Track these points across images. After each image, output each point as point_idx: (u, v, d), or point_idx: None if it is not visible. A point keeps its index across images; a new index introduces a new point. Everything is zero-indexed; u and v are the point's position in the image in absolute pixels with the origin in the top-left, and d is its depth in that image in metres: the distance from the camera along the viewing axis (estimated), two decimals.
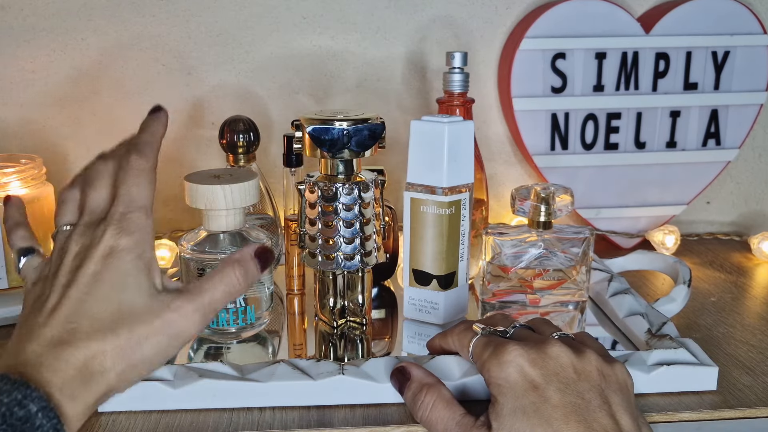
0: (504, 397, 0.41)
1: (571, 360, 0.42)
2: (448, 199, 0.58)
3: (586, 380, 0.41)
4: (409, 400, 0.46)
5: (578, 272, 0.59)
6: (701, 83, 0.81)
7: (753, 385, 0.51)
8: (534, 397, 0.40)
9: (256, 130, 0.69)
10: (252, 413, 0.47)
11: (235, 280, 0.44)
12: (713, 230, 0.92)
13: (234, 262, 0.44)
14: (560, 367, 0.42)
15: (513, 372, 0.42)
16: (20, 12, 0.79)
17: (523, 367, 0.42)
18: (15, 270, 0.48)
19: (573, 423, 0.39)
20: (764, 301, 0.69)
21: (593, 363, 0.43)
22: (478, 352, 0.45)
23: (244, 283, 0.44)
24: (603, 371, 0.43)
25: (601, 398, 0.41)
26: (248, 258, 0.45)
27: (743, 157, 0.89)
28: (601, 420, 0.40)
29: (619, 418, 0.40)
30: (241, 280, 0.44)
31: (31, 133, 0.82)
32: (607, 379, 0.42)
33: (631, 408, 0.42)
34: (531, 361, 0.42)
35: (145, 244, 0.43)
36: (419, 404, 0.45)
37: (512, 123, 0.81)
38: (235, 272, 0.44)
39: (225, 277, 0.44)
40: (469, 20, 0.82)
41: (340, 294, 0.59)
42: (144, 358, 0.41)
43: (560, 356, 0.42)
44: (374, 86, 0.83)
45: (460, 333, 0.48)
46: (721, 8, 0.79)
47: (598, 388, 0.41)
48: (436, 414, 0.44)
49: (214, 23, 0.80)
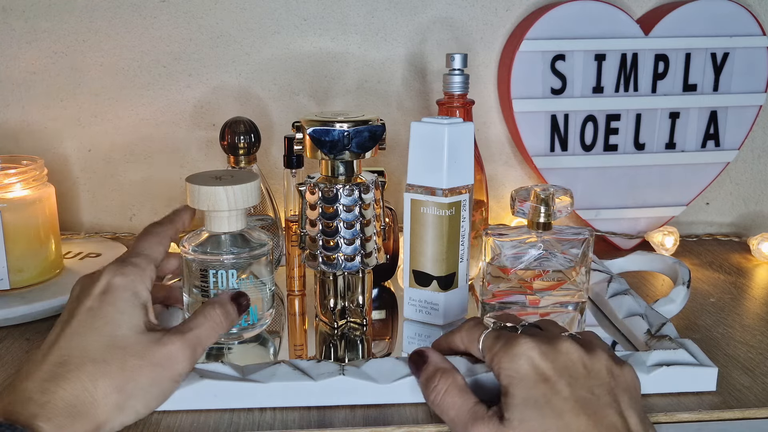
0: (515, 388, 0.41)
1: (581, 357, 0.43)
2: (448, 201, 0.58)
3: (595, 377, 0.42)
4: (423, 383, 0.46)
5: (578, 273, 0.59)
6: (700, 85, 0.81)
7: (752, 386, 0.52)
8: (545, 389, 0.41)
9: (256, 131, 0.69)
10: (253, 414, 0.47)
11: (219, 319, 0.48)
12: (712, 231, 0.92)
13: (214, 303, 0.49)
14: (571, 362, 0.42)
15: (524, 364, 0.42)
16: (22, 14, 0.79)
17: (534, 359, 0.42)
18: None
19: (583, 417, 0.40)
20: (763, 301, 0.69)
21: (603, 362, 0.43)
22: (488, 345, 0.45)
23: (226, 322, 0.49)
24: (612, 371, 0.43)
25: (610, 396, 0.41)
26: (226, 301, 0.50)
27: (742, 158, 0.89)
28: (611, 417, 0.40)
29: (627, 416, 0.41)
30: (223, 319, 0.49)
31: (33, 134, 0.82)
32: (616, 379, 0.43)
33: (639, 409, 0.42)
34: (542, 354, 0.42)
35: (141, 284, 0.47)
36: (432, 387, 0.45)
37: (512, 124, 0.81)
38: (217, 312, 0.48)
39: (209, 315, 0.48)
40: (469, 22, 0.82)
41: (340, 295, 0.59)
42: (137, 388, 0.43)
43: (571, 352, 0.43)
44: (374, 88, 0.83)
45: (469, 329, 0.48)
46: (721, 10, 0.79)
47: (607, 385, 0.42)
48: (449, 399, 0.44)
49: (215, 25, 0.80)
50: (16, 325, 0.61)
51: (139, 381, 0.43)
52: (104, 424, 0.42)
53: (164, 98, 0.82)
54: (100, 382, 0.42)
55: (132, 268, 0.47)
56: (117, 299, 0.45)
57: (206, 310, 0.48)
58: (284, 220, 0.68)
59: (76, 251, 0.76)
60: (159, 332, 0.45)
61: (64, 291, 0.63)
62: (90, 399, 0.41)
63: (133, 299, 0.46)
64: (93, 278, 0.47)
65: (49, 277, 0.67)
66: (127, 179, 0.84)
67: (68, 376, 0.41)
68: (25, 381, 0.41)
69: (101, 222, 0.86)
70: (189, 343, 0.45)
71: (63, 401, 0.40)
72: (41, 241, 0.66)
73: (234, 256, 0.54)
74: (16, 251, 0.64)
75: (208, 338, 0.47)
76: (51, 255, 0.67)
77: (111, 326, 0.44)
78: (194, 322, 0.47)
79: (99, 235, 0.82)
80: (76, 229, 0.85)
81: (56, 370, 0.42)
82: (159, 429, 0.46)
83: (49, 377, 0.41)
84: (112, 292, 0.45)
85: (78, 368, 0.42)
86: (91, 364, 0.42)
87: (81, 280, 0.48)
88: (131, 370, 0.43)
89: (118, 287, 0.46)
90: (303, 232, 0.59)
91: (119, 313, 0.45)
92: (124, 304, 0.45)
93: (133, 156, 0.83)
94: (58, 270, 0.69)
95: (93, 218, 0.85)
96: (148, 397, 0.44)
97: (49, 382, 0.41)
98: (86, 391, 0.41)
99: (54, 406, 0.40)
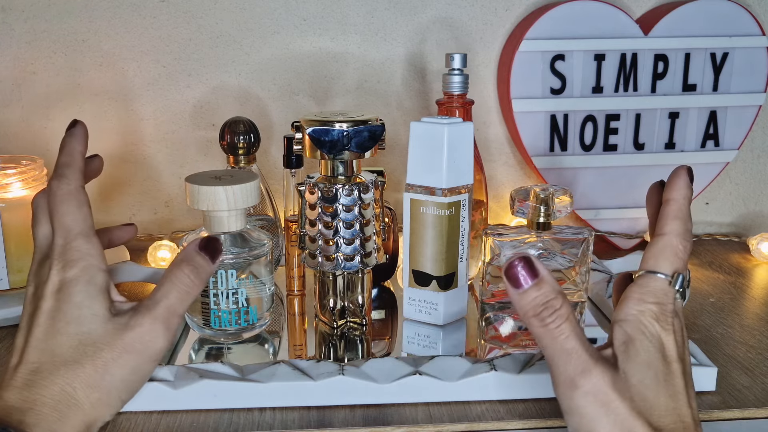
0: (642, 343, 0.40)
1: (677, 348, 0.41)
2: (447, 200, 0.58)
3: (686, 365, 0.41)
4: (536, 302, 0.39)
5: (577, 273, 0.59)
6: (700, 84, 0.81)
7: (752, 386, 0.52)
8: (663, 366, 0.39)
9: (256, 131, 0.69)
10: (252, 414, 0.47)
11: (187, 279, 0.44)
12: (712, 231, 0.92)
13: (180, 262, 0.44)
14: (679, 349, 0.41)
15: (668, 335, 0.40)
16: (21, 13, 0.79)
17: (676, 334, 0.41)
18: None
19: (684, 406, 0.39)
20: (763, 301, 0.69)
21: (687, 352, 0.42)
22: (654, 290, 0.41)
23: (197, 280, 0.44)
24: None
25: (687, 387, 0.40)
26: (194, 254, 0.45)
27: (742, 158, 0.89)
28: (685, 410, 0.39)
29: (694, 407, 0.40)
30: (193, 277, 0.44)
31: (33, 134, 0.82)
32: None
33: None
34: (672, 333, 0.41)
35: (93, 269, 0.43)
36: (554, 311, 0.39)
37: (511, 124, 0.81)
38: (183, 272, 0.44)
39: (175, 279, 0.44)
40: (469, 22, 0.82)
41: (340, 295, 0.59)
42: (116, 380, 0.41)
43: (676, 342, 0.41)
44: (374, 88, 0.83)
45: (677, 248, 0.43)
46: (720, 10, 0.79)
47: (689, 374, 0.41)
48: (571, 328, 0.39)
49: (215, 25, 0.80)
50: (15, 325, 0.61)
51: (116, 373, 0.41)
52: (95, 421, 0.41)
53: (164, 98, 0.82)
54: (77, 383, 0.40)
55: (77, 256, 0.43)
56: (72, 294, 0.42)
57: (172, 272, 0.44)
58: (284, 220, 0.68)
59: None
60: (126, 315, 0.43)
61: None
62: (72, 401, 0.40)
63: (89, 289, 0.43)
64: (42, 275, 0.44)
65: None
66: (127, 179, 0.84)
67: (44, 383, 0.40)
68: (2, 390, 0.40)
69: (101, 222, 0.85)
70: (159, 317, 0.42)
71: (47, 407, 0.39)
72: None
73: (234, 256, 0.54)
74: (16, 251, 0.64)
75: (181, 304, 0.43)
76: None
77: (74, 324, 0.42)
78: (161, 291, 0.43)
79: None
80: None
81: (31, 377, 0.40)
82: (159, 429, 0.46)
83: (26, 385, 0.40)
84: (65, 288, 0.42)
85: (52, 374, 0.40)
86: (64, 367, 0.41)
87: (32, 279, 0.45)
88: (105, 365, 0.41)
89: (69, 282, 0.42)
90: (302, 232, 0.59)
91: (79, 308, 0.42)
92: (81, 297, 0.42)
93: (132, 156, 0.83)
94: None
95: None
96: (130, 385, 0.42)
97: (27, 391, 0.40)
98: (66, 393, 0.40)
99: (38, 413, 0.39)
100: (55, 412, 0.39)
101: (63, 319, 0.42)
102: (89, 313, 0.42)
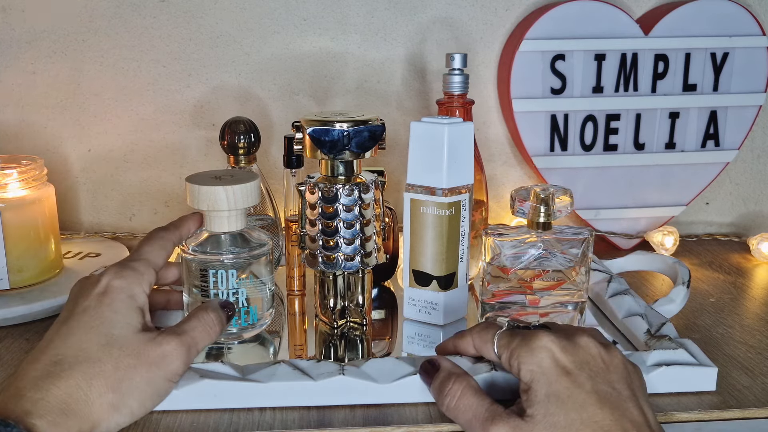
0: (537, 383, 0.41)
1: (599, 351, 0.43)
2: (447, 200, 0.58)
3: (615, 372, 0.42)
4: (436, 390, 0.46)
5: (578, 273, 0.59)
6: (700, 84, 0.81)
7: (752, 386, 0.52)
8: (567, 382, 0.41)
9: (256, 131, 0.69)
10: (252, 413, 0.47)
11: (212, 322, 0.49)
12: (712, 231, 0.92)
13: (208, 308, 0.50)
14: (590, 357, 0.42)
15: (545, 357, 0.42)
16: (21, 13, 0.79)
17: (555, 353, 0.42)
18: None
19: (607, 410, 0.40)
20: (763, 301, 0.69)
21: (619, 357, 0.43)
22: (505, 342, 0.45)
23: (218, 327, 0.49)
24: (627, 366, 0.43)
25: (629, 390, 0.41)
26: (218, 307, 0.50)
27: (742, 158, 0.89)
28: (632, 411, 0.40)
29: (645, 411, 0.41)
30: (216, 323, 0.49)
31: (33, 134, 0.82)
32: (631, 375, 0.43)
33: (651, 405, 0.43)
34: (562, 348, 0.42)
35: (138, 288, 0.47)
36: (447, 391, 0.44)
37: (512, 124, 0.81)
38: (210, 316, 0.49)
39: (203, 318, 0.48)
40: (469, 22, 0.82)
41: (340, 295, 0.59)
42: (131, 387, 0.43)
43: (590, 346, 0.43)
44: (374, 88, 0.83)
45: (481, 330, 0.48)
46: (720, 10, 0.79)
47: (626, 380, 0.42)
48: (465, 402, 0.43)
49: (215, 25, 0.80)
50: (15, 325, 0.61)
51: (134, 380, 0.43)
52: (99, 423, 0.42)
53: (164, 98, 0.82)
54: (94, 381, 0.42)
55: (131, 272, 0.48)
56: (114, 300, 0.46)
57: (200, 313, 0.49)
58: (284, 220, 0.68)
59: (75, 251, 0.76)
60: (154, 332, 0.46)
61: (63, 291, 0.63)
62: (84, 398, 0.41)
63: (129, 301, 0.46)
64: (92, 280, 0.48)
65: (49, 277, 0.67)
66: (127, 179, 0.84)
67: (62, 375, 0.41)
68: (20, 379, 0.42)
69: (101, 222, 0.86)
70: (184, 343, 0.46)
71: (56, 399, 0.40)
72: (41, 241, 0.66)
73: (234, 255, 0.54)
74: (16, 251, 0.64)
75: (202, 340, 0.47)
76: (51, 255, 0.67)
77: (107, 326, 0.44)
78: (189, 324, 0.47)
79: (99, 235, 0.82)
80: (75, 229, 0.85)
81: (51, 368, 0.42)
82: (159, 429, 0.46)
83: (43, 375, 0.41)
84: (109, 293, 0.46)
85: (72, 367, 0.42)
86: (86, 363, 0.42)
87: (81, 282, 0.49)
88: (126, 369, 0.43)
89: (115, 289, 0.46)
90: (303, 232, 0.59)
91: (115, 313, 0.45)
92: (120, 305, 0.46)
93: (132, 156, 0.83)
94: (58, 270, 0.69)
95: (93, 218, 0.85)
96: (143, 396, 0.44)
97: (43, 380, 0.41)
98: (80, 389, 0.41)
99: (47, 404, 0.40)
100: (65, 405, 0.40)
101: (98, 317, 0.45)
102: (123, 321, 0.45)
